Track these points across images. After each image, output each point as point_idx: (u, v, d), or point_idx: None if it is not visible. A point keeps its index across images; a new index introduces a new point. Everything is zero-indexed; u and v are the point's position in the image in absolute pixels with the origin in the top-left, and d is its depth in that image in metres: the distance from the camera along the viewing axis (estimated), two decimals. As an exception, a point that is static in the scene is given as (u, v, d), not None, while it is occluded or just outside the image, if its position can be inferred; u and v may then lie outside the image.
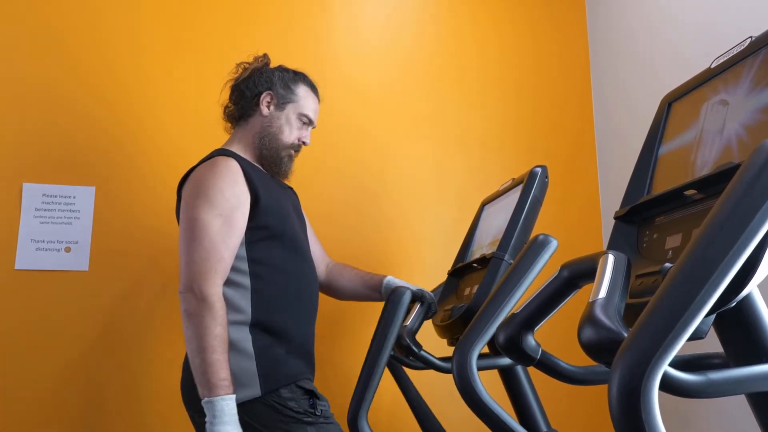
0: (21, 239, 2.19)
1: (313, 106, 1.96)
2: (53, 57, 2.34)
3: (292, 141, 1.90)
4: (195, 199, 1.68)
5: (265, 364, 1.62)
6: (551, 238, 1.20)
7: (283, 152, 1.89)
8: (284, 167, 1.90)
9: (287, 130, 1.89)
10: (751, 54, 0.99)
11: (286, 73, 1.94)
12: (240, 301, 1.66)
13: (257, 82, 1.90)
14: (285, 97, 1.90)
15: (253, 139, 1.88)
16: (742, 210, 0.68)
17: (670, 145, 1.13)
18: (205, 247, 1.62)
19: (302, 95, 1.93)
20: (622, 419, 0.63)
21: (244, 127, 1.91)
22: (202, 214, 1.64)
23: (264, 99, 1.88)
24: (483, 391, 1.12)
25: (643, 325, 0.65)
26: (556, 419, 1.86)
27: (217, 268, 1.61)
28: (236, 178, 1.71)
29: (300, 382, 1.65)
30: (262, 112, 1.88)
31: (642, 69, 2.58)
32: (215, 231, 1.63)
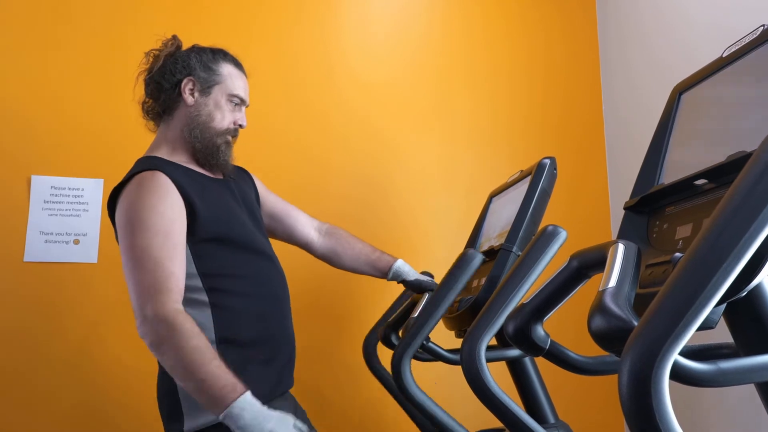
0: (30, 232, 2.20)
1: (241, 83, 1.76)
2: (61, 48, 2.35)
3: (226, 126, 1.71)
4: (127, 225, 1.52)
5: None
6: (560, 229, 1.19)
7: (219, 139, 1.70)
8: (222, 156, 1.71)
9: (218, 115, 1.70)
10: (763, 42, 0.98)
11: (204, 54, 1.73)
12: (201, 319, 1.50)
13: (174, 69, 1.69)
14: (209, 79, 1.70)
15: (181, 134, 1.69)
16: (753, 199, 0.67)
17: (681, 135, 1.12)
18: (150, 270, 1.45)
19: (227, 74, 1.73)
20: (632, 408, 0.62)
21: (169, 123, 1.72)
22: (138, 240, 1.48)
23: (186, 86, 1.68)
24: (492, 383, 1.12)
25: (654, 314, 0.64)
26: (565, 410, 1.86)
27: (168, 286, 1.44)
28: (167, 191, 1.54)
29: (272, 402, 1.48)
30: (187, 101, 1.68)
31: (651, 60, 2.56)
32: (157, 250, 1.46)
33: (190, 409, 1.49)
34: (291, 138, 2.52)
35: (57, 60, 2.34)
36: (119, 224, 1.55)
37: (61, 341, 2.18)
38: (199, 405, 1.44)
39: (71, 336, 2.19)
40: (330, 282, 2.37)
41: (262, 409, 1.35)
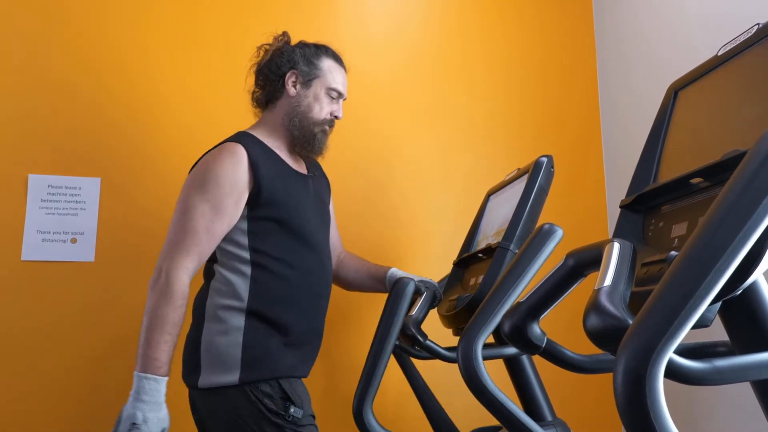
0: (27, 230, 2.20)
1: (340, 78, 1.92)
2: (59, 48, 2.35)
3: (323, 117, 1.86)
4: (189, 184, 1.69)
5: (252, 355, 1.62)
6: (557, 228, 1.20)
7: (316, 128, 1.85)
8: (318, 144, 1.86)
9: (317, 107, 1.85)
10: (758, 41, 0.98)
11: (307, 49, 1.89)
12: (239, 287, 1.66)
13: (280, 62, 1.85)
14: (310, 73, 1.86)
15: (282, 121, 1.84)
16: (747, 198, 0.68)
17: (677, 134, 1.12)
18: (185, 229, 1.62)
19: (327, 68, 1.89)
20: (627, 406, 0.63)
21: (272, 111, 1.87)
22: (189, 198, 1.66)
23: (289, 79, 1.84)
24: (489, 381, 1.12)
25: (648, 313, 0.65)
26: (561, 408, 1.87)
27: (190, 251, 1.61)
28: (237, 166, 1.68)
29: (284, 380, 1.64)
30: (289, 92, 1.84)
31: (647, 58, 2.56)
32: (199, 215, 1.63)
33: (208, 366, 1.63)
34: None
35: (54, 58, 2.33)
36: (186, 180, 1.73)
37: (58, 339, 2.18)
38: (217, 366, 1.61)
39: (68, 334, 2.19)
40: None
41: (161, 398, 1.53)
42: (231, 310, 1.65)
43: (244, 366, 1.60)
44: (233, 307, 1.65)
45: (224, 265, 1.70)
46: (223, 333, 1.63)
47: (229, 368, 1.60)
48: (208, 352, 1.63)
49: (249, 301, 1.65)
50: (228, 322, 1.64)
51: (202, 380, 1.62)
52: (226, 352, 1.61)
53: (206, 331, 1.65)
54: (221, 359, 1.61)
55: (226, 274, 1.69)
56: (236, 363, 1.60)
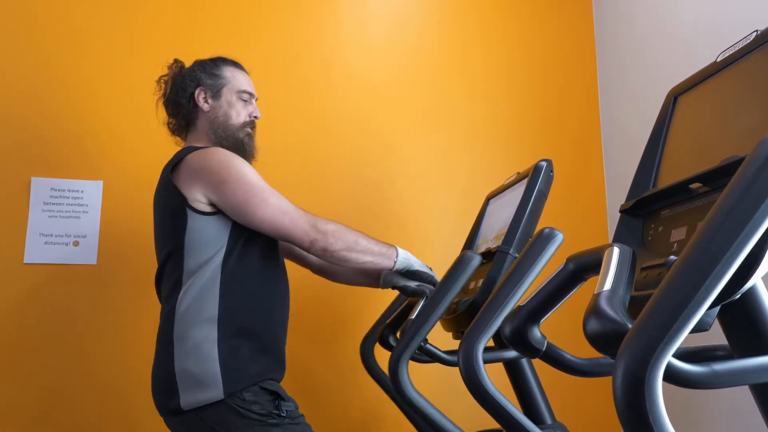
0: (29, 233, 2.21)
1: (246, 79, 1.93)
2: (62, 53, 2.36)
3: (243, 120, 1.87)
4: (230, 175, 1.68)
5: (229, 366, 1.57)
6: (557, 232, 1.20)
7: (240, 133, 1.86)
8: (248, 147, 1.87)
9: (233, 113, 1.86)
10: (756, 48, 0.99)
11: (205, 64, 1.90)
12: (210, 298, 1.62)
13: (184, 85, 1.86)
14: (215, 84, 1.87)
15: (208, 138, 1.84)
16: (745, 203, 0.68)
17: (676, 139, 1.13)
18: (280, 199, 1.67)
19: (230, 75, 1.89)
20: (626, 410, 0.63)
21: (194, 132, 1.87)
22: (250, 183, 1.67)
23: (199, 96, 1.85)
24: (489, 384, 1.13)
25: (648, 317, 0.65)
26: (561, 411, 1.87)
27: (289, 202, 1.68)
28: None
29: (264, 383, 1.61)
30: (203, 108, 1.85)
31: (647, 63, 2.57)
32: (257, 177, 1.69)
33: (186, 387, 1.57)
34: (289, 137, 2.53)
35: (57, 63, 2.34)
36: (215, 177, 1.67)
37: (60, 342, 2.19)
38: (196, 384, 1.55)
39: (71, 337, 2.20)
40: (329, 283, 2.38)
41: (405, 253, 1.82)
42: (202, 323, 1.60)
43: (225, 378, 1.56)
44: (205, 319, 1.60)
45: (196, 274, 1.64)
46: (196, 349, 1.58)
47: (210, 384, 1.55)
48: (184, 373, 1.58)
49: (220, 312, 1.61)
50: (199, 337, 1.59)
51: (184, 401, 1.57)
52: (203, 369, 1.56)
53: (178, 354, 1.60)
54: (199, 377, 1.56)
55: (198, 283, 1.63)
56: (216, 377, 1.56)
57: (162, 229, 1.76)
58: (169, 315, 1.65)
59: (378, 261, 1.76)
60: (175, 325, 1.63)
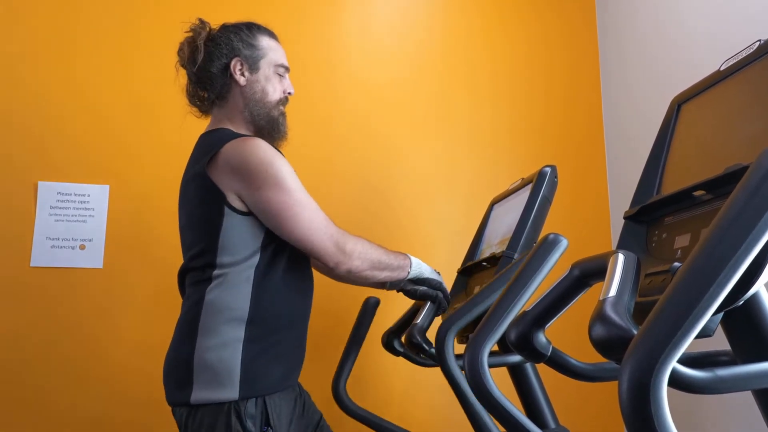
0: (36, 237, 2.22)
1: (282, 51, 1.79)
2: (66, 55, 2.37)
3: (278, 97, 1.75)
4: (267, 176, 1.56)
5: (250, 369, 1.51)
6: (561, 237, 1.22)
7: (275, 111, 1.74)
8: (282, 127, 1.76)
9: (270, 88, 1.73)
10: (759, 57, 1.00)
11: (241, 31, 1.74)
12: (242, 295, 1.55)
13: (219, 54, 1.70)
14: (253, 56, 1.72)
15: (242, 116, 1.71)
16: (749, 211, 0.69)
17: (680, 146, 1.14)
18: (304, 201, 1.59)
19: (267, 45, 1.76)
20: (631, 414, 0.64)
21: (224, 107, 1.73)
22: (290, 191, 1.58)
23: (235, 68, 1.70)
24: (494, 388, 1.13)
25: (653, 323, 0.66)
26: (565, 416, 1.88)
27: (321, 214, 1.62)
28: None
29: (271, 398, 1.54)
30: (239, 82, 1.70)
31: (651, 71, 2.58)
32: (298, 183, 1.61)
33: (202, 381, 1.51)
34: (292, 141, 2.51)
35: (62, 66, 2.36)
36: (252, 181, 1.56)
37: (67, 345, 2.20)
38: (213, 381, 1.49)
39: (77, 340, 2.21)
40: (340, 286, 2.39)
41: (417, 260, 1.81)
42: (230, 321, 1.54)
43: (243, 381, 1.50)
44: (233, 317, 1.54)
45: (228, 271, 1.57)
46: (221, 346, 1.52)
47: (227, 384, 1.49)
48: (203, 367, 1.51)
49: (251, 310, 1.55)
50: (227, 334, 1.52)
51: (195, 396, 1.51)
52: (224, 367, 1.50)
53: (200, 346, 1.53)
54: (218, 375, 1.50)
55: (230, 280, 1.56)
56: (235, 378, 1.50)
57: (192, 220, 1.66)
58: (196, 305, 1.57)
59: (395, 275, 1.75)
60: (202, 316, 1.55)
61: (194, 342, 1.54)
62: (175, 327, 1.65)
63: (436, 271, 1.86)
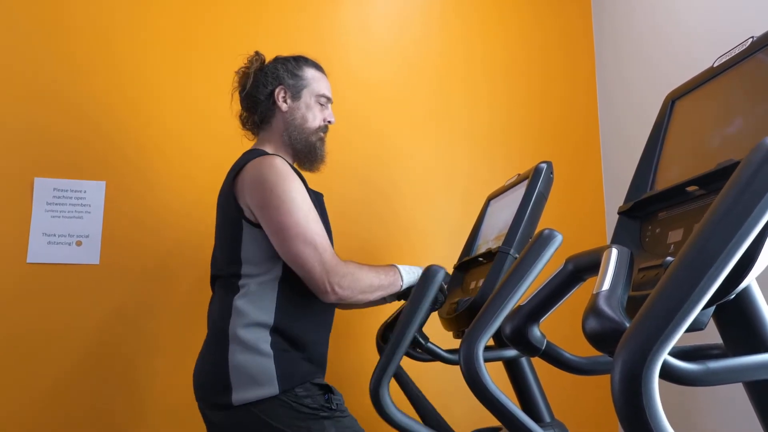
0: (33, 233, 2.22)
1: (325, 83, 1.94)
2: (65, 52, 2.37)
3: (318, 125, 1.89)
4: (276, 202, 1.65)
5: (283, 365, 1.61)
6: (556, 233, 1.22)
7: (314, 137, 1.88)
8: (319, 152, 1.89)
9: (310, 116, 1.87)
10: (752, 53, 1.01)
11: (288, 63, 1.91)
12: (266, 304, 1.66)
13: (265, 81, 1.87)
14: (297, 85, 1.87)
15: (281, 139, 1.86)
16: (740, 205, 0.70)
17: (673, 142, 1.15)
18: (310, 230, 1.65)
19: (311, 77, 1.90)
20: (624, 405, 0.65)
21: (268, 130, 1.88)
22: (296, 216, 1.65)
23: (279, 95, 1.86)
24: (490, 382, 1.14)
25: (644, 316, 0.67)
26: (560, 410, 1.89)
27: (325, 243, 1.66)
28: (298, 179, 1.72)
29: (314, 380, 1.65)
30: (281, 108, 1.86)
31: (646, 68, 2.59)
32: (307, 209, 1.67)
33: (240, 384, 1.60)
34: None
35: (60, 62, 2.36)
36: (259, 198, 1.66)
37: (63, 341, 2.20)
38: (251, 382, 1.58)
39: (74, 336, 2.21)
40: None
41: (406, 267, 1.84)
42: (257, 327, 1.64)
43: (279, 376, 1.60)
44: (260, 324, 1.64)
45: (253, 281, 1.68)
46: (251, 351, 1.61)
47: (265, 381, 1.59)
48: (239, 371, 1.61)
49: (276, 319, 1.65)
50: (255, 340, 1.62)
51: (236, 397, 1.60)
52: (259, 369, 1.60)
53: (233, 352, 1.63)
54: (255, 374, 1.59)
55: (255, 290, 1.67)
56: (272, 375, 1.60)
57: (221, 232, 1.80)
58: (225, 312, 1.67)
59: (388, 292, 1.79)
60: (231, 322, 1.65)
61: (226, 348, 1.64)
62: (206, 334, 1.75)
63: None
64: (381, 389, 1.55)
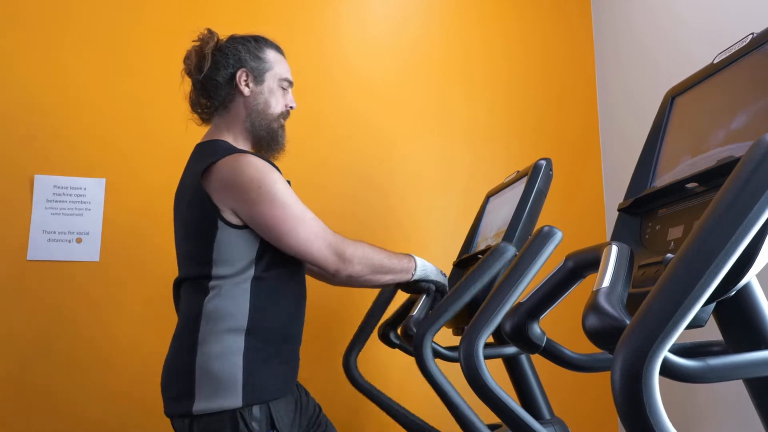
0: (33, 230, 2.22)
1: (286, 66, 1.81)
2: (63, 49, 2.37)
3: (280, 110, 1.78)
4: (263, 193, 1.57)
5: (251, 376, 1.52)
6: (556, 230, 1.22)
7: (275, 124, 1.77)
8: (281, 139, 1.79)
9: (273, 101, 1.76)
10: (752, 50, 1.01)
11: (248, 43, 1.76)
12: (239, 306, 1.56)
13: (225, 63, 1.72)
14: (259, 68, 1.74)
15: (242, 125, 1.73)
16: (740, 202, 0.70)
17: (673, 139, 1.15)
18: (298, 212, 1.60)
19: (273, 59, 1.78)
20: (624, 403, 0.65)
21: (226, 116, 1.75)
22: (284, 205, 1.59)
23: (240, 78, 1.72)
24: (490, 379, 1.14)
25: (645, 313, 0.67)
26: (559, 406, 1.89)
27: (316, 220, 1.63)
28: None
29: (274, 403, 1.55)
30: (243, 92, 1.72)
31: (645, 65, 2.59)
32: (293, 198, 1.62)
33: (204, 391, 1.50)
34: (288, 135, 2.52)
35: (59, 60, 2.36)
36: (246, 197, 1.57)
37: (63, 339, 2.20)
38: (216, 390, 1.49)
39: (74, 333, 2.21)
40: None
41: (422, 261, 1.79)
42: (230, 331, 1.54)
43: (245, 388, 1.50)
44: (233, 328, 1.54)
45: (225, 282, 1.57)
46: (222, 356, 1.52)
47: (230, 392, 1.50)
48: (205, 377, 1.51)
49: (249, 320, 1.55)
50: (226, 344, 1.53)
51: (198, 406, 1.50)
52: (226, 376, 1.50)
53: (201, 356, 1.52)
54: (221, 384, 1.50)
55: (226, 291, 1.57)
56: (237, 386, 1.50)
57: (188, 232, 1.66)
58: (195, 316, 1.57)
59: (399, 277, 1.74)
60: (201, 326, 1.55)
61: (194, 352, 1.54)
62: (172, 338, 1.64)
63: (441, 273, 1.85)
64: (425, 340, 1.51)
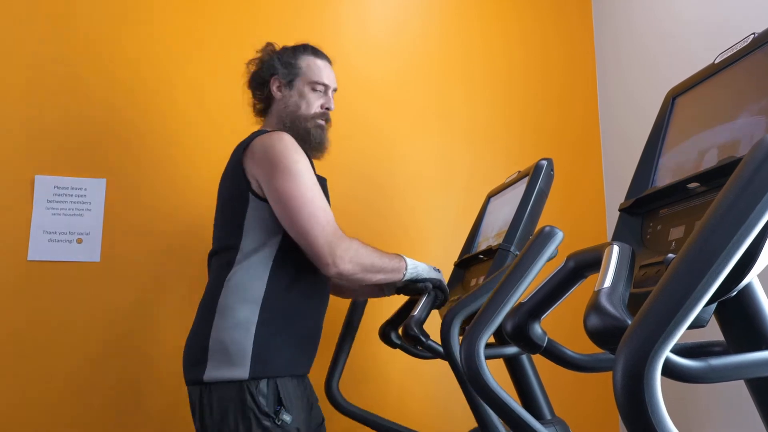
0: (33, 231, 2.22)
1: (321, 70, 1.95)
2: (66, 50, 2.37)
3: (313, 111, 1.91)
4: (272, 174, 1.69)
5: (261, 350, 1.61)
6: (557, 230, 1.22)
7: (309, 124, 1.89)
8: (316, 138, 1.90)
9: (303, 103, 1.90)
10: (754, 50, 1.01)
11: (284, 53, 1.94)
12: (258, 280, 1.67)
13: (263, 72, 1.93)
14: (289, 74, 1.91)
15: (281, 125, 1.89)
16: (742, 202, 0.70)
17: (674, 139, 1.15)
18: (322, 207, 1.68)
19: (305, 65, 1.93)
20: (626, 403, 0.65)
21: (268, 118, 1.95)
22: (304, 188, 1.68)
23: (273, 84, 1.91)
24: (491, 379, 1.14)
25: (646, 313, 0.67)
26: (560, 407, 1.89)
27: (328, 217, 1.68)
28: (305, 156, 1.76)
29: (282, 380, 1.63)
30: (276, 96, 1.91)
31: (646, 65, 2.59)
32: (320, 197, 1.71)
33: (215, 360, 1.62)
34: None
35: (60, 59, 2.36)
36: (267, 168, 1.70)
37: (64, 338, 2.20)
38: (225, 360, 1.60)
39: (74, 333, 2.21)
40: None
41: (413, 261, 1.83)
42: (246, 303, 1.64)
43: (254, 361, 1.59)
44: (248, 299, 1.65)
45: (249, 255, 1.69)
46: (235, 327, 1.62)
47: (239, 363, 1.59)
48: (218, 346, 1.62)
49: (265, 294, 1.66)
50: (241, 315, 1.63)
51: (209, 374, 1.61)
52: (237, 346, 1.60)
53: (216, 326, 1.64)
54: (231, 354, 1.60)
55: (248, 266, 1.68)
56: (246, 358, 1.59)
57: (224, 208, 1.81)
58: (216, 288, 1.69)
59: (389, 277, 1.78)
60: (220, 298, 1.67)
61: (211, 322, 1.65)
62: (197, 309, 1.75)
63: (435, 269, 1.88)
64: (453, 325, 1.52)
